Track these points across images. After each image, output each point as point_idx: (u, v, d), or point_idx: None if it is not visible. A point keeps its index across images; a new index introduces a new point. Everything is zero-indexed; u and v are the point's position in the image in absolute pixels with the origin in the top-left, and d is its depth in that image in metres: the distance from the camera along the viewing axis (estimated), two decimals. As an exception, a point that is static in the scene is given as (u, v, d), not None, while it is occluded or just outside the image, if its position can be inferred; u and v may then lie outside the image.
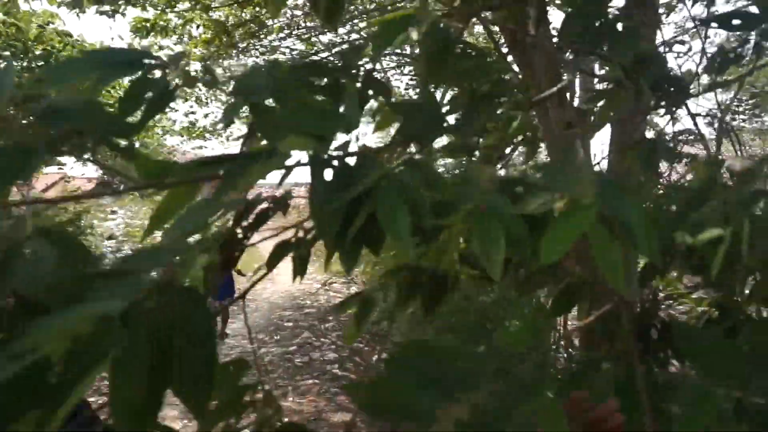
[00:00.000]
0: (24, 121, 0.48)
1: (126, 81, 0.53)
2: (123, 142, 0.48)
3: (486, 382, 0.43)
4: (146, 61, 0.53)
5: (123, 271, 0.30)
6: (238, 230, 0.58)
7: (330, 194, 0.45)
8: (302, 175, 0.50)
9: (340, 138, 0.50)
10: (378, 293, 0.63)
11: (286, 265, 0.61)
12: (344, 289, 9.37)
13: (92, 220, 9.48)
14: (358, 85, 0.63)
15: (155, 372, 0.28)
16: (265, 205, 0.59)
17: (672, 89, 0.82)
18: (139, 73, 0.52)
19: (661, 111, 0.92)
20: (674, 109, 0.89)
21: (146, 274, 0.29)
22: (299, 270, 0.54)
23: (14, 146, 0.40)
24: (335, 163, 0.48)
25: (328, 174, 0.47)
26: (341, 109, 0.56)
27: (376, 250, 0.51)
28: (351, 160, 0.49)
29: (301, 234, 0.61)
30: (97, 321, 0.26)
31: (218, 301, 7.20)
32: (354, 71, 0.62)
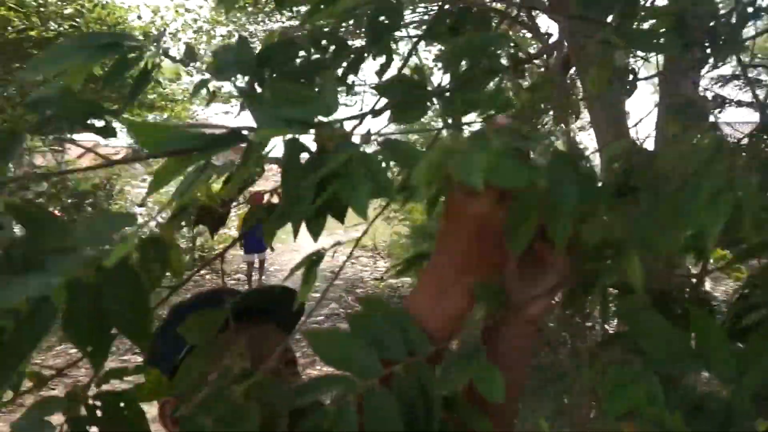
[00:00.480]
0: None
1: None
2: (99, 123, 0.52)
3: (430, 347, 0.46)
4: (125, 43, 0.56)
5: (67, 248, 0.33)
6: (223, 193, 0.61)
7: (302, 177, 0.47)
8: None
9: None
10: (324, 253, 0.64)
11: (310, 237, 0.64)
12: (371, 263, 9.47)
13: (124, 186, 9.78)
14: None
15: (97, 330, 0.35)
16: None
17: (720, 40, 0.76)
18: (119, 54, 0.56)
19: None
20: (722, 62, 0.83)
21: (87, 251, 0.34)
22: (269, 240, 0.57)
23: (4, 132, 0.46)
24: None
25: (305, 155, 0.50)
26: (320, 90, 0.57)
27: (341, 219, 0.55)
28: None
29: (275, 200, 0.63)
30: (35, 300, 0.31)
31: (246, 254, 7.51)
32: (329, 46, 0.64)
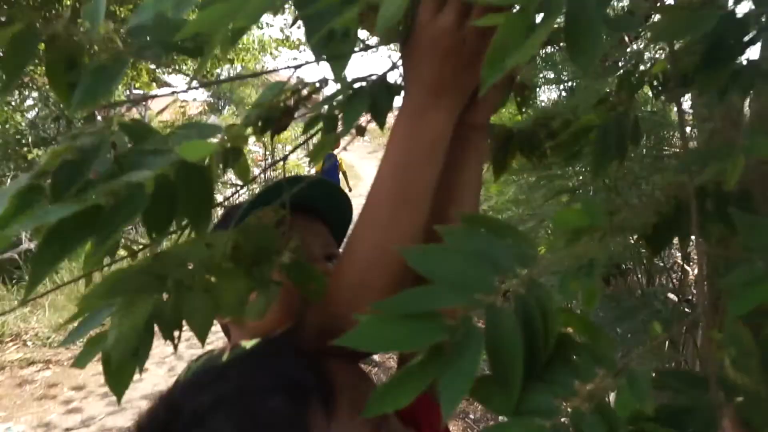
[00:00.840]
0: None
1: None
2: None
3: (537, 260, 0.43)
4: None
5: (163, 151, 0.38)
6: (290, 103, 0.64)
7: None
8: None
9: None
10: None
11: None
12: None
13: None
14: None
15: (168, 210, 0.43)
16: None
17: None
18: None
19: None
20: None
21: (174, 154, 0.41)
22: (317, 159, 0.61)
23: (110, 60, 0.51)
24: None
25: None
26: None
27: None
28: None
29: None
30: (129, 185, 0.37)
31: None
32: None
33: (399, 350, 0.37)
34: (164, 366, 4.22)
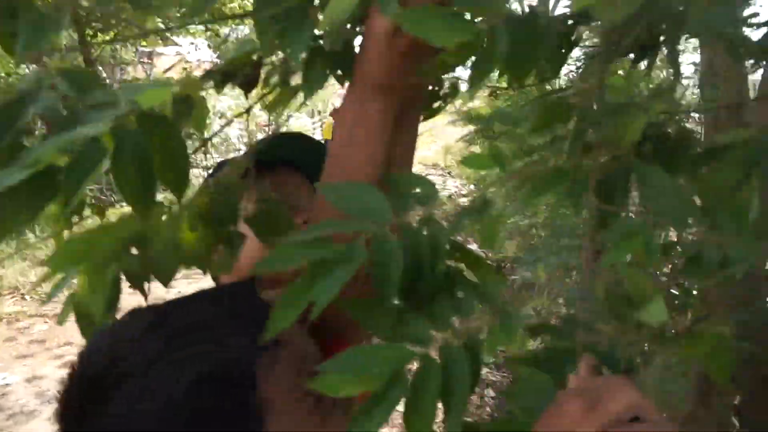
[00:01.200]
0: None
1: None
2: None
3: (436, 202, 0.48)
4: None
5: (110, 102, 0.40)
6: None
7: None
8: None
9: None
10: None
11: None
12: (441, 181, 9.44)
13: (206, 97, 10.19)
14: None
15: (142, 170, 0.40)
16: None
17: None
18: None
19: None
20: None
21: (127, 104, 0.39)
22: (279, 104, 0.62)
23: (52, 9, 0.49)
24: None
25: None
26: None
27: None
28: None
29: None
30: (87, 140, 0.36)
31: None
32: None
33: (288, 268, 0.40)
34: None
